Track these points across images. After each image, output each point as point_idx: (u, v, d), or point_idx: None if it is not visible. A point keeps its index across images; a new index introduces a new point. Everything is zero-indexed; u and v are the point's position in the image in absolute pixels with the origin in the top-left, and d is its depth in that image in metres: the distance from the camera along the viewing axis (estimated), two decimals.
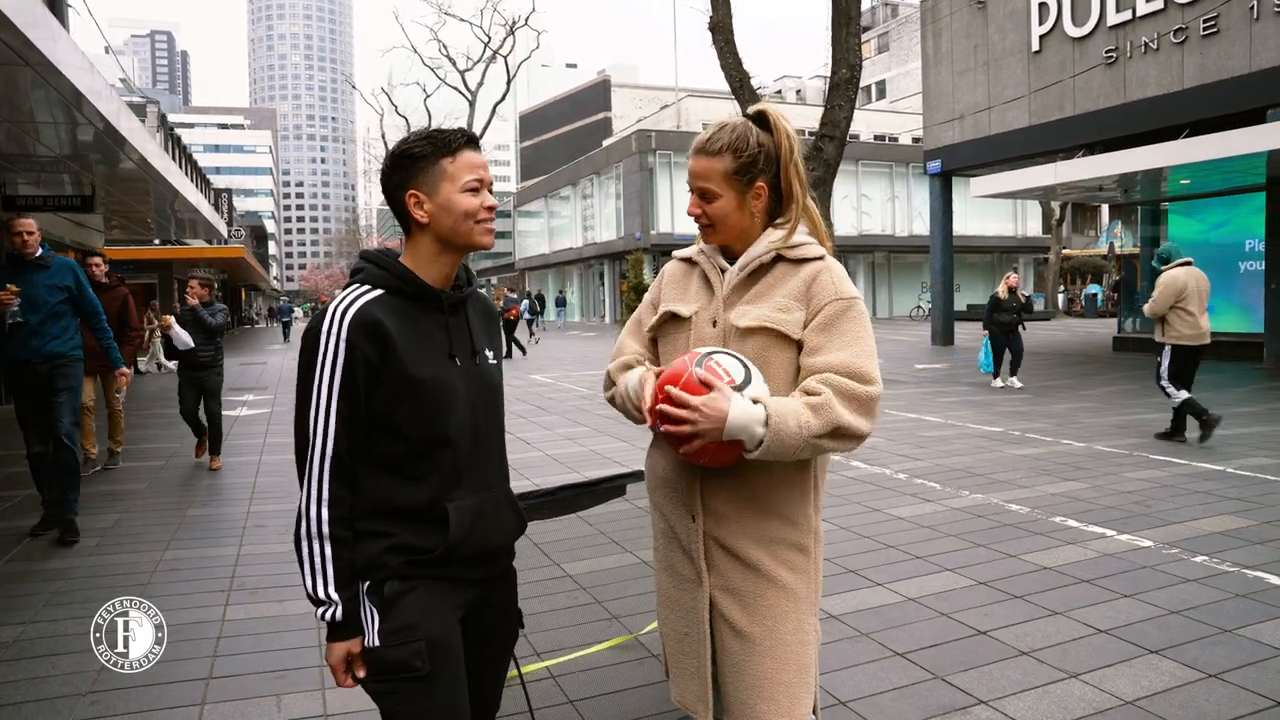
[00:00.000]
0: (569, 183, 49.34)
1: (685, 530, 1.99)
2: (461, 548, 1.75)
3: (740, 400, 1.75)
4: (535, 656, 3.54)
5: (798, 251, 1.95)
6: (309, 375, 1.71)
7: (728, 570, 1.95)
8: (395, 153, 1.79)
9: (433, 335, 1.79)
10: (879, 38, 64.89)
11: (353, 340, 1.68)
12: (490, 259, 70.02)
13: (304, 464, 1.71)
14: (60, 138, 9.81)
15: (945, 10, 20.78)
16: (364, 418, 1.70)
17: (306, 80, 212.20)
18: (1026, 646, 3.58)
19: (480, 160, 1.82)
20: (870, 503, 6.06)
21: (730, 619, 1.94)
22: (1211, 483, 6.39)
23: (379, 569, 1.71)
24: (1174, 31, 15.10)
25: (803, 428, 1.74)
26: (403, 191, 1.78)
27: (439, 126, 1.84)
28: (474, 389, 1.83)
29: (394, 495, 1.73)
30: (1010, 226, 43.94)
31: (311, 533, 1.68)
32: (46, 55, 6.50)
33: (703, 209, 1.97)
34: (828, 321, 1.87)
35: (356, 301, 1.73)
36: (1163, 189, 17.94)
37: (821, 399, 1.77)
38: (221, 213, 33.18)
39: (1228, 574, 4.39)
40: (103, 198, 13.81)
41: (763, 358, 1.89)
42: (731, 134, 1.94)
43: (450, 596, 1.77)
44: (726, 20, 14.28)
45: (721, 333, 1.95)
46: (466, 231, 1.78)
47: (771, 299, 1.92)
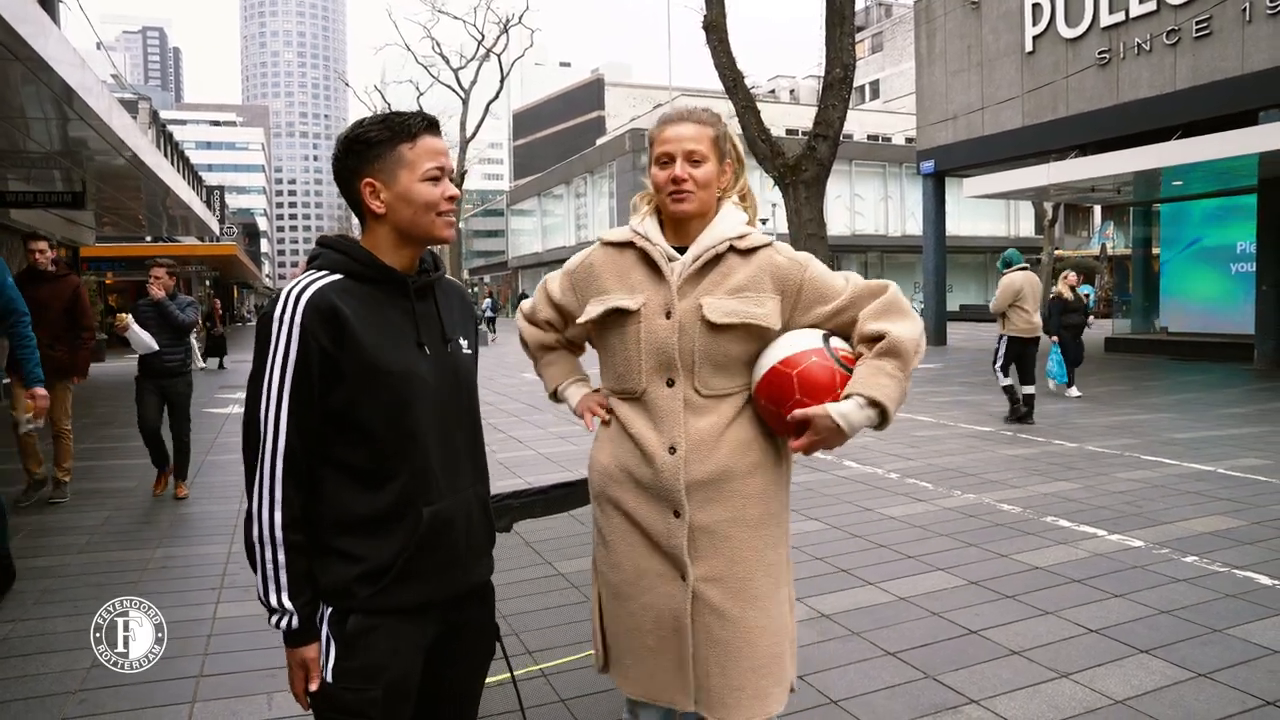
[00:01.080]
0: (562, 181, 49.32)
1: (665, 528, 1.98)
2: (424, 558, 1.64)
3: (855, 420, 1.89)
4: (527, 655, 3.54)
5: (747, 241, 2.02)
6: (260, 366, 1.59)
7: (712, 559, 1.97)
8: (349, 137, 1.67)
9: (398, 322, 1.67)
10: (873, 37, 64.96)
11: (307, 327, 1.56)
12: (483, 257, 69.98)
13: (253, 462, 1.59)
14: (51, 134, 9.75)
15: (939, 10, 20.82)
16: (319, 413, 1.59)
17: (300, 77, 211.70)
18: (1017, 646, 3.58)
19: (442, 146, 1.71)
20: (862, 502, 6.07)
21: (719, 608, 1.96)
22: (1202, 483, 6.42)
23: (345, 597, 1.61)
24: (1167, 33, 15.15)
25: (899, 381, 1.90)
26: (357, 180, 1.66)
27: (396, 110, 1.72)
28: (445, 380, 1.72)
29: (359, 502, 1.62)
30: (1003, 227, 44.03)
31: (264, 538, 1.58)
32: (37, 51, 6.46)
33: (690, 174, 1.99)
34: (813, 290, 2.00)
35: (312, 286, 1.61)
36: (1155, 190, 18.02)
37: (885, 344, 1.90)
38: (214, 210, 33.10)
39: (1218, 574, 4.41)
40: (94, 194, 13.74)
41: (731, 352, 1.96)
42: (707, 112, 2.07)
43: (416, 632, 1.67)
44: (720, 20, 14.28)
45: (678, 324, 1.95)
46: (427, 224, 1.68)
47: (730, 288, 1.97)
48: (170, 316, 6.44)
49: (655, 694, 2.05)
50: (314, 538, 1.62)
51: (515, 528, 3.11)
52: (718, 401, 1.97)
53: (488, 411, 11.00)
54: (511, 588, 4.30)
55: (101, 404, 13.18)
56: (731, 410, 1.98)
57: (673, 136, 2.00)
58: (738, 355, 1.96)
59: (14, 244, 14.87)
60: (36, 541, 5.44)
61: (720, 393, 1.97)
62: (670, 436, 1.95)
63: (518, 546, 4.90)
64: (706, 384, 1.96)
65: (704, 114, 2.05)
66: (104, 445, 8.99)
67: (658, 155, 2.03)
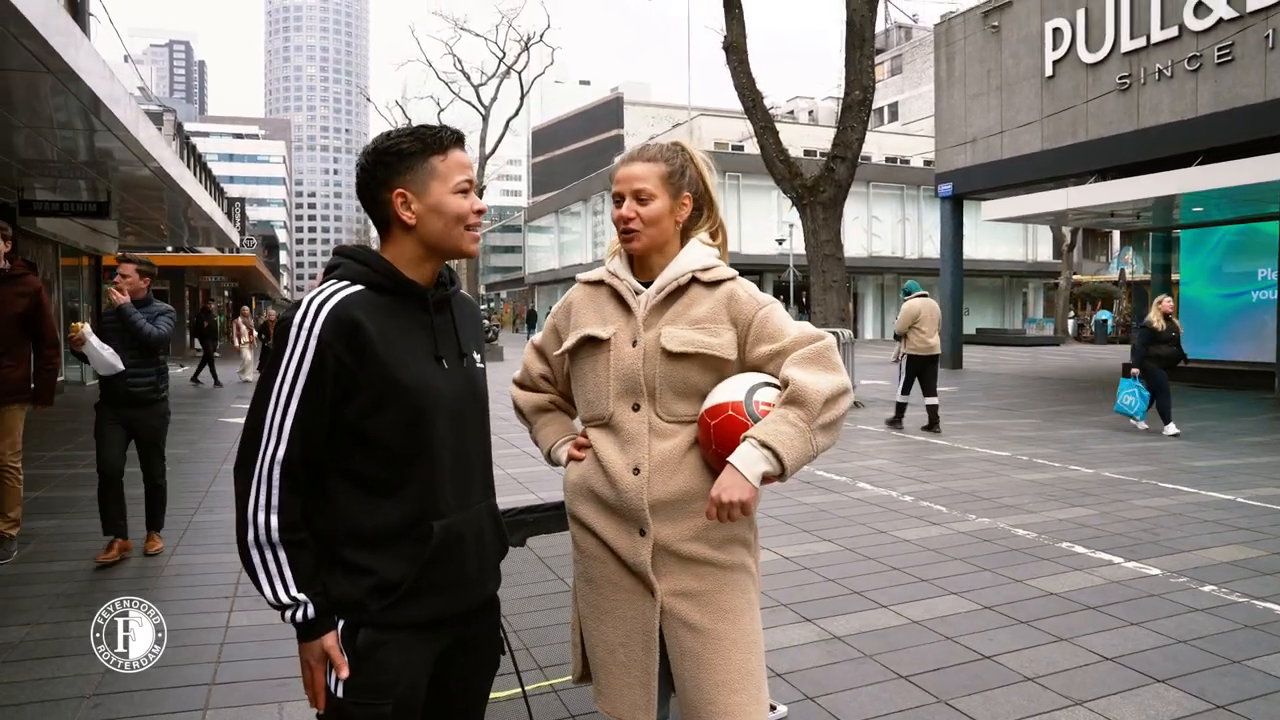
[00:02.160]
0: (580, 199, 49.52)
1: (630, 545, 2.02)
2: (436, 572, 1.64)
3: (749, 462, 1.86)
4: (538, 671, 3.53)
5: (711, 274, 2.07)
6: (273, 370, 1.57)
7: (679, 574, 2.01)
8: (379, 148, 1.67)
9: (416, 336, 1.67)
10: (892, 60, 65.11)
11: (326, 339, 1.55)
12: (500, 273, 70.26)
13: (250, 463, 1.57)
14: (78, 144, 9.90)
15: (959, 34, 20.86)
16: (326, 424, 1.58)
17: (321, 92, 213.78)
18: (1031, 672, 3.55)
19: (469, 160, 1.72)
20: (876, 525, 6.04)
21: (689, 621, 1.99)
22: (1221, 512, 6.35)
23: (356, 611, 1.60)
24: (1188, 59, 15.13)
25: (800, 431, 1.88)
26: (386, 190, 1.65)
27: (424, 124, 1.73)
28: (460, 394, 1.72)
29: (372, 514, 1.61)
30: (1021, 250, 43.91)
31: (260, 540, 1.56)
32: (68, 62, 6.57)
33: (637, 212, 2.05)
34: (761, 329, 2.03)
35: (335, 297, 1.60)
36: (1175, 216, 17.93)
37: (789, 392, 1.91)
38: (234, 221, 33.40)
39: (1236, 604, 4.36)
40: (118, 204, 13.92)
41: (690, 380, 2.01)
42: (660, 147, 2.12)
43: (427, 646, 1.67)
44: (741, 40, 14.36)
45: (643, 352, 2.02)
46: (457, 237, 1.69)
47: (692, 319, 2.03)
48: (135, 328, 5.05)
49: (623, 712, 2.07)
50: (323, 549, 1.61)
51: (529, 543, 3.11)
52: (680, 426, 2.03)
53: (501, 426, 11.01)
54: (524, 602, 4.30)
55: None
56: (694, 435, 2.03)
57: (622, 176, 2.08)
58: (697, 383, 2.02)
59: (41, 252, 15.06)
60: (53, 547, 5.48)
61: (682, 418, 2.03)
62: (635, 458, 2.01)
63: (531, 561, 4.89)
64: (669, 410, 2.02)
65: (658, 151, 2.10)
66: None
67: (614, 194, 2.11)
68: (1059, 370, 21.45)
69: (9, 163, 10.76)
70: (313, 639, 1.59)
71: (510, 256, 69.37)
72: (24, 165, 10.98)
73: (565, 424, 2.32)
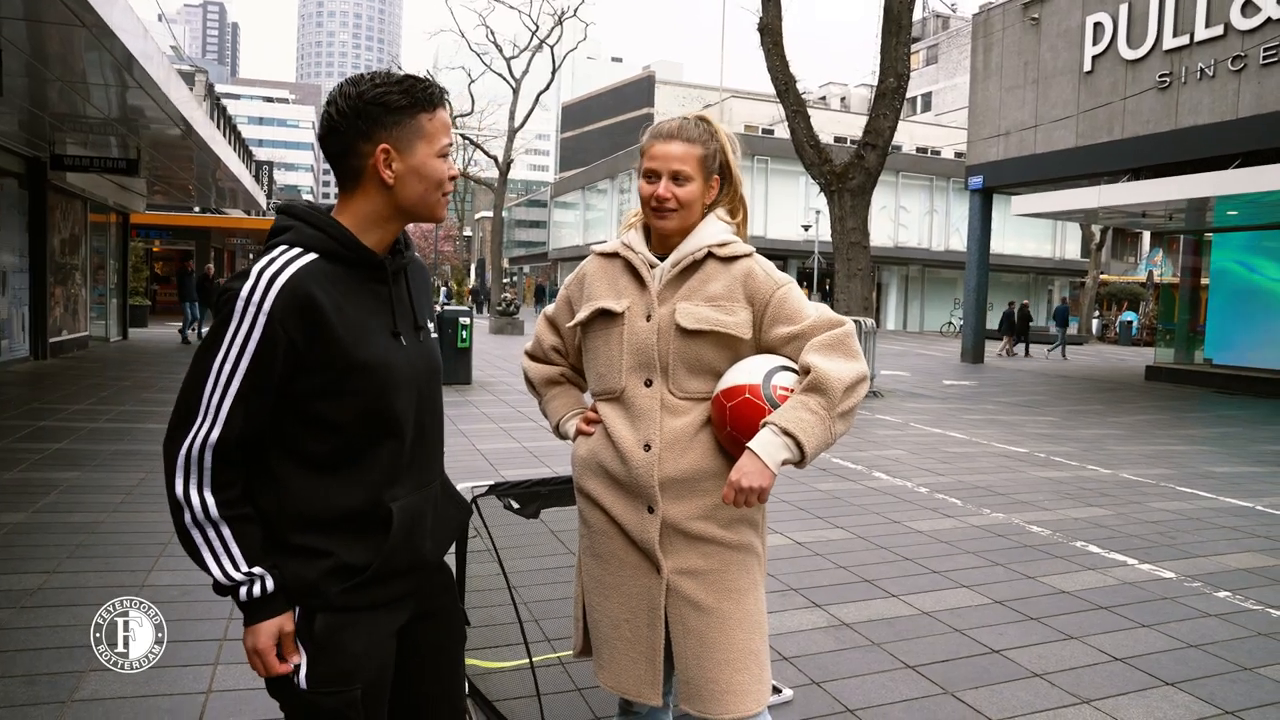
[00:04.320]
0: (607, 176, 49.36)
1: (638, 522, 2.01)
2: (398, 555, 1.55)
3: (771, 449, 1.86)
4: (546, 643, 3.55)
5: (727, 249, 2.05)
6: (213, 344, 1.44)
7: (686, 552, 2.01)
8: (364, 94, 1.50)
9: (373, 309, 1.55)
10: (928, 49, 64.35)
11: (276, 316, 1.42)
12: (524, 248, 70.25)
13: (178, 443, 1.44)
14: (110, 100, 9.94)
15: (997, 25, 20.57)
16: (270, 405, 1.47)
17: (354, 58, 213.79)
18: (1039, 669, 3.54)
19: (449, 122, 1.61)
20: (890, 514, 6.02)
21: (694, 599, 2.00)
22: (1239, 519, 6.29)
23: (313, 596, 1.50)
24: (1232, 59, 14.84)
25: (820, 419, 1.87)
26: (367, 142, 1.51)
27: (410, 75, 1.58)
28: (418, 369, 1.62)
29: (327, 498, 1.51)
30: (1048, 247, 43.45)
31: (200, 519, 1.44)
32: (103, 17, 6.58)
33: (674, 193, 2.02)
34: (779, 309, 2.01)
35: (288, 268, 1.46)
36: (1208, 219, 17.68)
37: (810, 379, 1.89)
38: (262, 184, 33.53)
39: (1251, 611, 4.32)
40: (147, 162, 14.00)
41: (704, 357, 2.00)
42: (698, 128, 2.08)
43: (388, 623, 1.59)
44: (776, 23, 14.21)
45: (657, 327, 2.01)
46: (433, 202, 1.57)
47: (707, 295, 2.01)
48: None
49: (626, 687, 2.07)
50: (267, 533, 1.51)
51: (542, 515, 3.12)
52: (693, 404, 2.02)
53: (518, 401, 11.05)
54: (534, 574, 4.33)
55: (143, 368, 13.43)
56: (706, 413, 2.02)
57: (660, 154, 2.04)
58: (710, 360, 2.00)
59: (70, 207, 15.18)
60: (73, 498, 5.55)
61: (695, 395, 2.02)
62: (645, 434, 2.00)
63: (543, 534, 4.91)
64: (681, 386, 2.01)
65: (695, 130, 2.07)
66: (143, 408, 9.15)
67: (645, 169, 2.07)
68: (1081, 369, 21.26)
69: (41, 116, 10.84)
70: (266, 619, 1.47)
71: (535, 231, 69.30)
72: (56, 120, 11.05)
73: (575, 397, 2.30)
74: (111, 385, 9.35)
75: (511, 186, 63.93)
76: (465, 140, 41.88)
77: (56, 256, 14.36)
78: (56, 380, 11.45)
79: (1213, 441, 10.15)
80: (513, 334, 25.06)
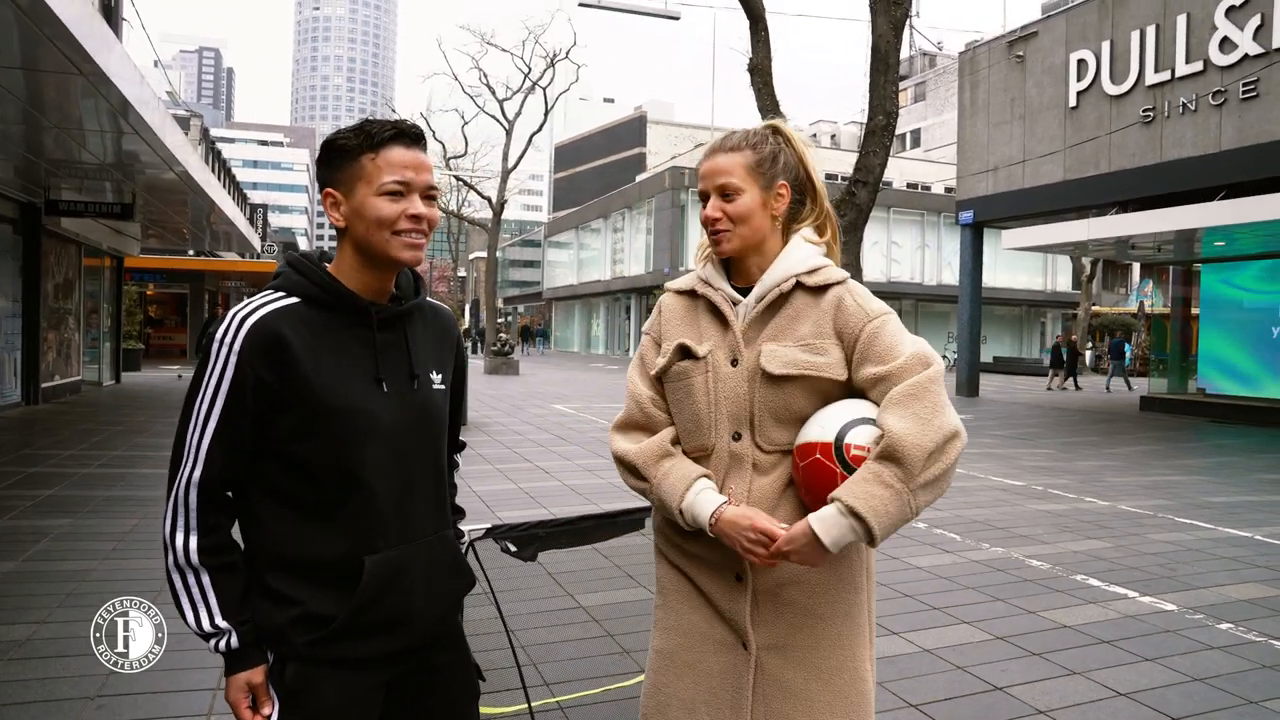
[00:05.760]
0: (600, 215, 49.67)
1: (726, 591, 1.79)
2: (372, 611, 1.51)
3: (831, 529, 1.62)
4: (545, 688, 3.51)
5: (817, 277, 1.79)
6: (195, 386, 1.48)
7: (776, 625, 1.77)
8: (325, 143, 1.56)
9: (356, 354, 1.53)
10: (916, 86, 65.19)
11: (245, 356, 1.45)
12: (518, 287, 70.49)
13: (172, 481, 1.49)
14: (105, 146, 10.00)
15: (983, 63, 20.87)
16: (249, 444, 1.48)
17: (348, 102, 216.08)
18: (1044, 705, 3.50)
19: (412, 159, 1.53)
20: (888, 550, 5.98)
21: (780, 678, 1.76)
22: (1239, 549, 6.27)
23: (279, 642, 1.49)
24: (1213, 94, 15.06)
25: (896, 493, 1.60)
26: (324, 188, 1.55)
27: (374, 119, 1.58)
28: (405, 420, 1.57)
29: (304, 543, 1.49)
30: (1040, 280, 43.72)
31: (181, 564, 1.46)
32: (100, 65, 6.64)
33: (723, 210, 1.79)
34: (869, 346, 1.74)
35: (259, 311, 1.49)
36: (1196, 250, 17.82)
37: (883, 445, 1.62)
38: (256, 227, 33.62)
39: (1254, 643, 4.29)
40: (142, 206, 14.05)
41: (793, 405, 1.76)
42: (745, 133, 1.85)
43: (369, 679, 1.54)
44: (766, 63, 14.39)
45: (745, 371, 1.78)
46: (381, 243, 1.52)
47: (797, 335, 1.77)
48: None
49: None
50: (248, 572, 1.52)
51: (540, 558, 3.10)
52: (781, 457, 1.78)
53: (515, 441, 11.01)
54: (532, 618, 4.28)
55: (137, 412, 13.37)
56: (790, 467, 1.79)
57: (705, 171, 1.82)
58: (800, 408, 1.76)
59: (64, 252, 15.21)
60: (64, 545, 5.50)
61: (783, 447, 1.77)
62: (734, 495, 1.77)
63: (540, 577, 4.88)
64: (769, 439, 1.77)
65: (742, 137, 1.83)
66: (135, 453, 9.10)
67: (699, 192, 1.85)
68: (1076, 401, 21.29)
69: (36, 163, 10.89)
70: (238, 672, 1.49)
71: (530, 271, 69.58)
72: (51, 165, 11.10)
73: (687, 465, 1.85)
74: (104, 430, 9.28)
75: (505, 226, 64.19)
76: (459, 181, 42.17)
77: (50, 301, 14.36)
78: (48, 425, 11.39)
79: (1209, 471, 10.14)
80: (508, 374, 25.05)
